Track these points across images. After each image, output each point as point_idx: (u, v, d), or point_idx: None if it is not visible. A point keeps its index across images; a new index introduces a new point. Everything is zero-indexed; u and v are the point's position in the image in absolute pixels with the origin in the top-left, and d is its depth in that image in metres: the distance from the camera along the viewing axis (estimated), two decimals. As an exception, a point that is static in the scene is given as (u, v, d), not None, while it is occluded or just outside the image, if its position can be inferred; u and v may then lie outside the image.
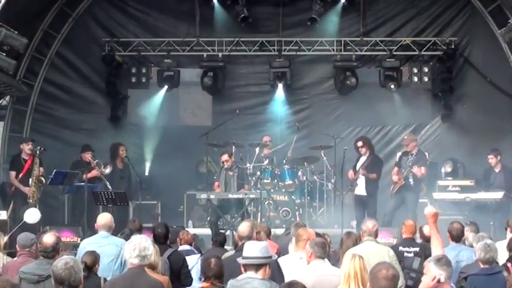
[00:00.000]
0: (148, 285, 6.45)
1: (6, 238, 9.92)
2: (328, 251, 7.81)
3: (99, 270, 7.80)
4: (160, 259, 7.32)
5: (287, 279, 6.83)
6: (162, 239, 9.17)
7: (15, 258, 8.55)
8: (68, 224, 14.79)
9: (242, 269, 6.33)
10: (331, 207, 16.13)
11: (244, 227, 8.05)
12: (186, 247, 9.86)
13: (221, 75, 17.26)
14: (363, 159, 14.75)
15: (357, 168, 14.71)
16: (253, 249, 6.33)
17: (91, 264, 7.49)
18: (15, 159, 14.49)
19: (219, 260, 6.70)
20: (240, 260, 6.35)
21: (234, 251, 8.44)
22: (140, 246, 6.52)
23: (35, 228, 12.26)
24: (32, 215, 12.38)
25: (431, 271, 5.60)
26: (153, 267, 7.03)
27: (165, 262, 8.07)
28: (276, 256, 6.65)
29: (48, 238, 7.32)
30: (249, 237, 7.91)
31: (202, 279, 6.78)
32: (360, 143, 14.82)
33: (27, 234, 8.68)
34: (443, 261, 5.80)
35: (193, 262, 9.09)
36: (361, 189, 14.67)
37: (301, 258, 7.65)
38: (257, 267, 6.27)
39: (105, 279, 7.45)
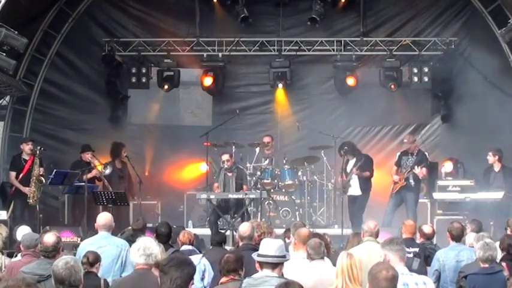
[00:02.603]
0: (155, 284, 6.46)
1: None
2: (326, 251, 7.81)
3: (100, 270, 7.79)
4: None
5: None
6: (165, 239, 9.17)
7: (20, 258, 8.54)
8: (68, 224, 14.79)
9: (257, 266, 6.36)
10: (331, 207, 16.13)
11: (245, 228, 8.05)
12: (188, 247, 9.86)
13: (221, 75, 17.27)
14: (352, 161, 14.75)
15: (348, 171, 14.71)
16: (271, 248, 6.36)
17: (93, 260, 7.47)
18: (16, 159, 14.48)
19: (232, 255, 6.83)
20: (256, 258, 6.37)
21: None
22: (145, 246, 6.56)
23: (35, 229, 12.26)
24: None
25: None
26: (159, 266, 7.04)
27: (167, 262, 8.05)
28: (290, 255, 6.69)
29: (49, 238, 7.32)
30: (250, 238, 7.91)
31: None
32: (341, 152, 14.77)
33: (31, 234, 8.69)
34: (388, 242, 5.92)
35: (196, 262, 9.08)
36: (355, 190, 14.70)
37: (304, 258, 7.66)
38: (274, 265, 6.30)
39: (105, 281, 7.42)
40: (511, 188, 14.42)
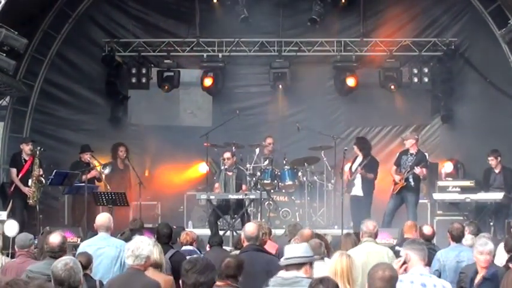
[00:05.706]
0: (144, 285, 6.44)
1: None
2: (324, 251, 7.81)
3: (99, 271, 7.80)
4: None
5: None
6: (166, 239, 9.17)
7: (14, 259, 8.54)
8: (68, 225, 14.79)
9: (284, 270, 6.23)
10: (331, 208, 16.13)
11: (252, 228, 8.01)
12: (189, 247, 9.86)
13: (221, 76, 17.26)
14: (359, 159, 14.80)
15: (353, 170, 14.75)
16: (295, 251, 6.24)
17: (86, 263, 7.47)
18: (16, 157, 14.49)
19: (234, 259, 6.74)
20: (281, 262, 6.25)
21: (239, 251, 8.43)
22: (134, 247, 6.56)
23: (35, 230, 12.27)
24: (12, 227, 12.20)
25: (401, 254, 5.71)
26: (157, 266, 7.04)
27: (167, 263, 8.06)
28: (317, 257, 6.57)
29: (55, 238, 7.33)
30: (257, 238, 7.89)
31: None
32: (354, 143, 15.07)
33: (26, 234, 8.69)
34: (410, 242, 5.88)
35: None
36: (357, 190, 14.72)
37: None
38: (298, 266, 6.15)
39: (100, 282, 7.43)
40: (510, 189, 14.44)
